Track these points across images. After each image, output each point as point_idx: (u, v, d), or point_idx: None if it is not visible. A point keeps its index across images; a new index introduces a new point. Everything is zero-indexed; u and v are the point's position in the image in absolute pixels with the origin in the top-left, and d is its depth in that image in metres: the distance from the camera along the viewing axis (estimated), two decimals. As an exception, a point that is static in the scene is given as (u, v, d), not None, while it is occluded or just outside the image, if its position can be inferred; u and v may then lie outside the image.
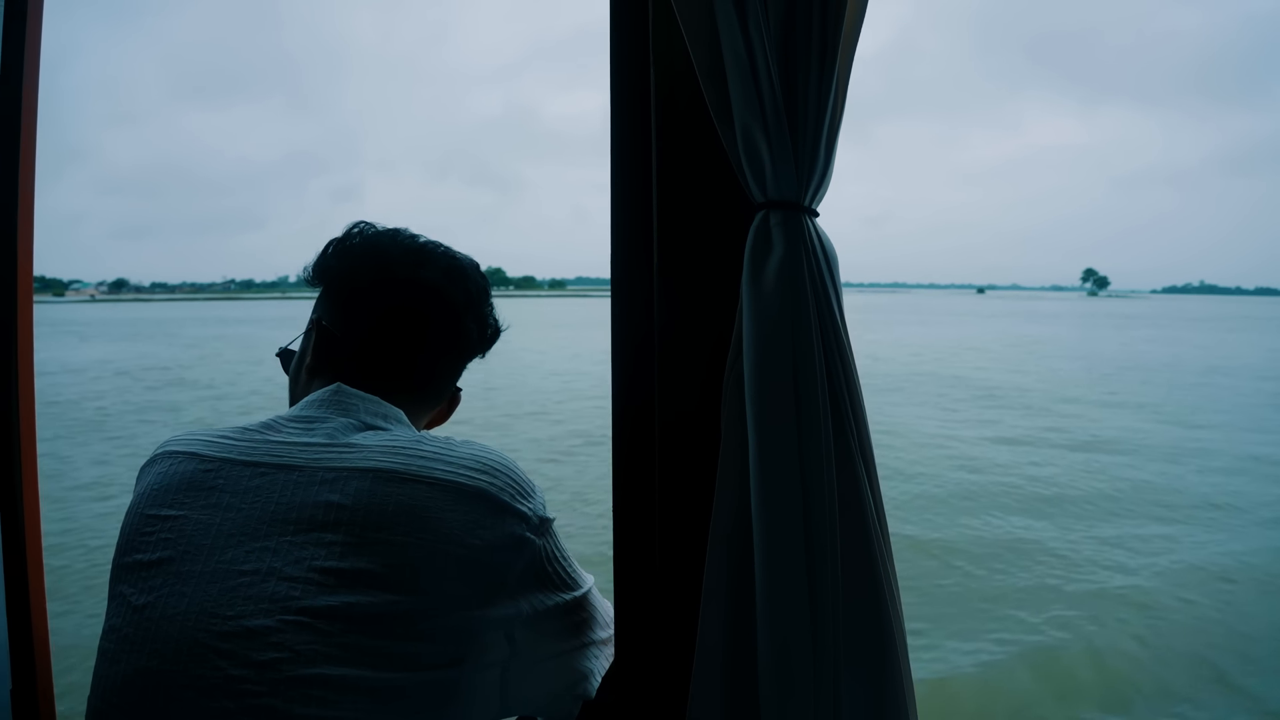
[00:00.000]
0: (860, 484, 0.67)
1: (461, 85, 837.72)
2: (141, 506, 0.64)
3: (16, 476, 0.89)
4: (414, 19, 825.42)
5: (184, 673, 0.55)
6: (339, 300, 0.77)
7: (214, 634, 0.56)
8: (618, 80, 0.77)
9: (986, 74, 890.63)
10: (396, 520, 0.60)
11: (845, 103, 0.71)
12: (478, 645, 0.62)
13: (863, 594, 0.68)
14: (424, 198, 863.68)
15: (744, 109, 0.67)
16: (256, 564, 0.58)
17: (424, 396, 0.79)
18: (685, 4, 0.68)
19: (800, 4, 0.67)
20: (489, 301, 0.82)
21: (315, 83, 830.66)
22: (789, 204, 0.68)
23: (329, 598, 0.57)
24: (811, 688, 0.67)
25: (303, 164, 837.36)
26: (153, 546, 0.61)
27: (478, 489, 0.63)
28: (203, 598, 0.57)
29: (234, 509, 0.61)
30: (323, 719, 0.54)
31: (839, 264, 0.70)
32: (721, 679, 0.71)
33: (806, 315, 0.66)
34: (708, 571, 0.71)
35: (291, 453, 0.64)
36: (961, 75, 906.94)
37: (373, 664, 0.56)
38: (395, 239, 0.79)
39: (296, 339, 0.83)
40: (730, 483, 0.70)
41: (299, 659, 0.55)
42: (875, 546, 0.67)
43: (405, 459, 0.62)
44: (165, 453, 0.68)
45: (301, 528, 0.59)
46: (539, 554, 0.67)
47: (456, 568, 0.60)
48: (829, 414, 0.66)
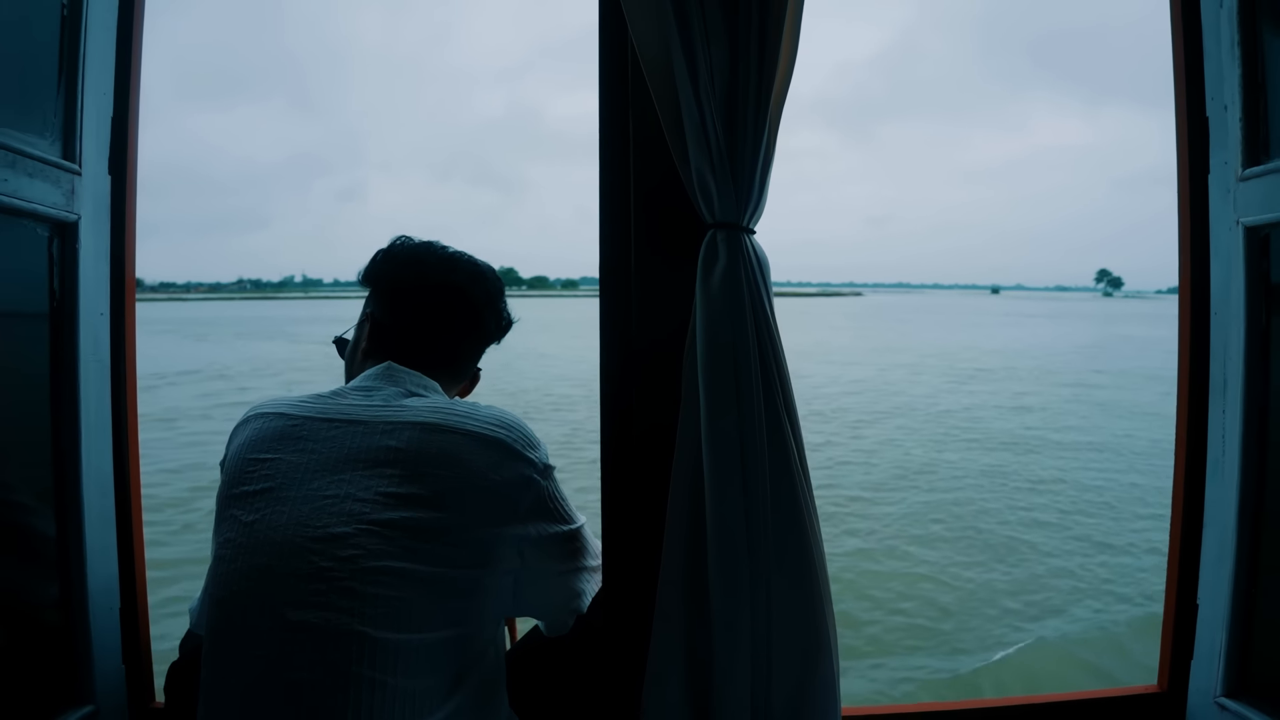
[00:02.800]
0: (785, 435, 0.89)
1: (465, 86, 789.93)
2: (244, 453, 0.86)
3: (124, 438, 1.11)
4: (419, 20, 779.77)
5: (287, 565, 0.76)
6: (387, 298, 0.99)
7: (308, 538, 0.77)
8: (605, 131, 0.99)
9: (989, 74, 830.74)
10: (438, 460, 0.81)
11: (776, 143, 0.93)
12: (496, 555, 0.83)
13: (788, 520, 0.89)
14: (427, 198, 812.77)
15: (697, 154, 0.89)
16: (336, 490, 0.80)
17: (454, 373, 1.00)
18: (653, 75, 0.90)
19: (740, 73, 0.89)
20: (504, 299, 1.04)
21: (319, 83, 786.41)
22: (731, 225, 0.90)
23: (390, 513, 0.78)
24: (748, 591, 0.89)
25: (306, 164, 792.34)
26: (256, 480, 0.83)
27: (497, 439, 0.84)
28: (298, 514, 0.79)
29: (317, 452, 0.83)
30: (387, 597, 0.76)
31: (770, 270, 0.92)
32: (682, 598, 0.93)
33: (743, 308, 0.88)
34: (670, 514, 0.92)
35: (357, 411, 0.85)
36: (964, 76, 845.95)
37: (421, 560, 0.78)
38: (430, 249, 1.01)
39: (348, 330, 1.05)
40: (687, 440, 0.92)
41: (370, 555, 0.76)
42: (798, 481, 0.89)
43: (443, 416, 0.84)
44: (257, 414, 0.90)
45: (368, 464, 0.81)
46: (542, 493, 0.88)
47: (481, 496, 0.82)
48: (760, 383, 0.88)
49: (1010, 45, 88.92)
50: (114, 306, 1.10)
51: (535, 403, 11.21)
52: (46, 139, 0.99)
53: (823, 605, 0.92)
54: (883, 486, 6.60)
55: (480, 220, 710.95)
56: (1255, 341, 1.01)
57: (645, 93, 0.92)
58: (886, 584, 4.34)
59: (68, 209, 1.00)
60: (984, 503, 6.07)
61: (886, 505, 6.02)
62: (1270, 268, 1.01)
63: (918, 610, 4.02)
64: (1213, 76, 1.06)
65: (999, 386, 13.28)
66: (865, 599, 4.10)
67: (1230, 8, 1.02)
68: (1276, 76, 1.00)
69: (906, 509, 5.91)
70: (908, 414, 10.40)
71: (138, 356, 1.15)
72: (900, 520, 5.61)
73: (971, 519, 5.63)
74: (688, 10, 0.87)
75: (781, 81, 0.92)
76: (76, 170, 1.02)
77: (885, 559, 4.77)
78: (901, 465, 7.36)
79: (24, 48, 0.97)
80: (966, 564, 4.71)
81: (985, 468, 7.25)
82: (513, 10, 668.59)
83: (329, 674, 0.73)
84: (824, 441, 8.23)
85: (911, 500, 6.17)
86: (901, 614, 3.96)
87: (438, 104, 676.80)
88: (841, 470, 7.11)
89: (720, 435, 0.87)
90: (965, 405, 11.12)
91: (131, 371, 1.14)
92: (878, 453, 7.94)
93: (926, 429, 9.31)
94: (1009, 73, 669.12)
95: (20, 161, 0.92)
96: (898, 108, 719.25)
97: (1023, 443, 8.45)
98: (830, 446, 8.09)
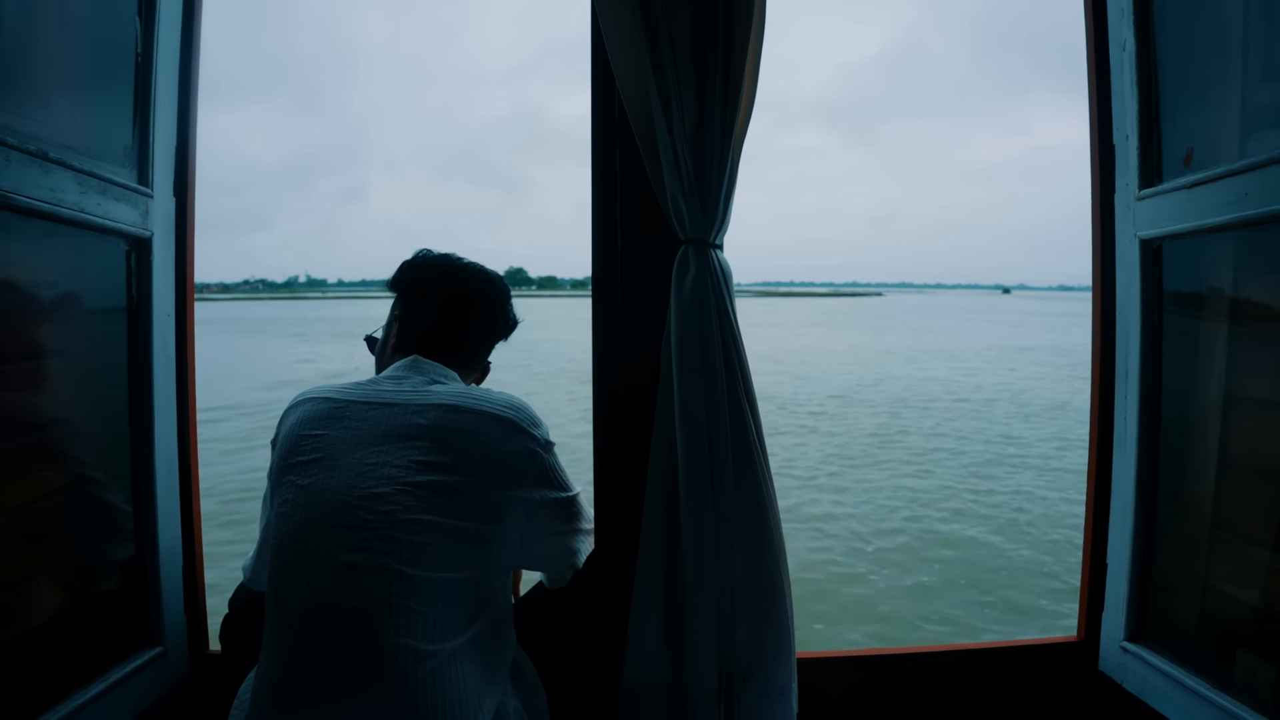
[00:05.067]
0: (743, 409, 1.07)
1: (468, 87, 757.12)
2: (297, 430, 1.04)
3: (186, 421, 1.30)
4: (422, 21, 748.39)
5: (337, 519, 0.95)
6: (412, 302, 1.17)
7: (353, 497, 0.95)
8: (597, 160, 1.17)
9: (991, 74, 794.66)
10: (459, 434, 0.99)
11: (739, 170, 1.11)
12: (506, 514, 1.01)
13: (747, 483, 1.08)
14: (430, 198, 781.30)
15: (671, 182, 1.07)
16: (376, 459, 0.98)
17: (469, 365, 1.19)
18: (635, 117, 1.08)
19: (706, 115, 1.07)
20: (510, 303, 1.22)
21: (322, 84, 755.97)
22: (700, 241, 1.08)
23: (420, 477, 0.97)
24: (713, 545, 1.07)
25: (309, 165, 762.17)
26: (308, 452, 1.01)
27: (507, 418, 1.03)
28: (345, 479, 0.97)
29: (359, 429, 1.01)
30: (418, 543, 0.94)
31: (733, 278, 1.10)
32: (660, 552, 1.11)
33: (709, 309, 1.07)
34: (649, 481, 1.11)
35: (391, 395, 1.04)
36: (966, 76, 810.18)
37: (446, 515, 0.96)
38: (448, 260, 1.19)
39: (377, 330, 1.23)
40: (664, 429, 1.10)
41: (405, 510, 0.94)
42: (754, 448, 1.07)
43: (463, 399, 1.02)
44: (306, 399, 1.08)
45: (402, 438, 0.99)
46: (544, 464, 1.06)
47: (494, 464, 1.00)
48: (723, 368, 1.06)
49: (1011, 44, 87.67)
50: (178, 309, 1.29)
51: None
52: (126, 167, 1.18)
53: (778, 557, 1.11)
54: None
55: (482, 220, 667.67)
56: (1149, 337, 1.19)
57: (629, 130, 1.11)
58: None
59: (143, 226, 1.19)
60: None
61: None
62: (1161, 274, 1.19)
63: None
64: (1118, 110, 1.23)
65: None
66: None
67: (1130, 52, 1.20)
68: (1168, 112, 1.18)
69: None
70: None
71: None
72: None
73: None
74: (663, 63, 1.05)
75: (743, 120, 1.10)
76: (149, 194, 1.20)
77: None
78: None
79: (110, 94, 1.16)
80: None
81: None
82: (516, 11, 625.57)
83: (373, 603, 0.92)
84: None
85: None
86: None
87: (440, 104, 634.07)
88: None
89: (690, 411, 1.06)
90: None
91: (191, 364, 1.32)
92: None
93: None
94: (1010, 72, 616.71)
95: (109, 188, 1.11)
96: (899, 108, 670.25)
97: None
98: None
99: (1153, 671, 1.18)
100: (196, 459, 1.34)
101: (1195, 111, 1.14)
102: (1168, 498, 1.20)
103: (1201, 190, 1.07)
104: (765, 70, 1.12)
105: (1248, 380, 1.08)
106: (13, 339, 1.00)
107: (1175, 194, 1.12)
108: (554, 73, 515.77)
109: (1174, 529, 1.20)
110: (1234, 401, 1.10)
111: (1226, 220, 1.03)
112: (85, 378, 1.16)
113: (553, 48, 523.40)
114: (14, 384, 1.01)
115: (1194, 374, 1.16)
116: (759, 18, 1.08)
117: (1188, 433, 1.17)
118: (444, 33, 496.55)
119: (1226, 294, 1.11)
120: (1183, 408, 1.18)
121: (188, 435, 1.31)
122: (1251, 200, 0.99)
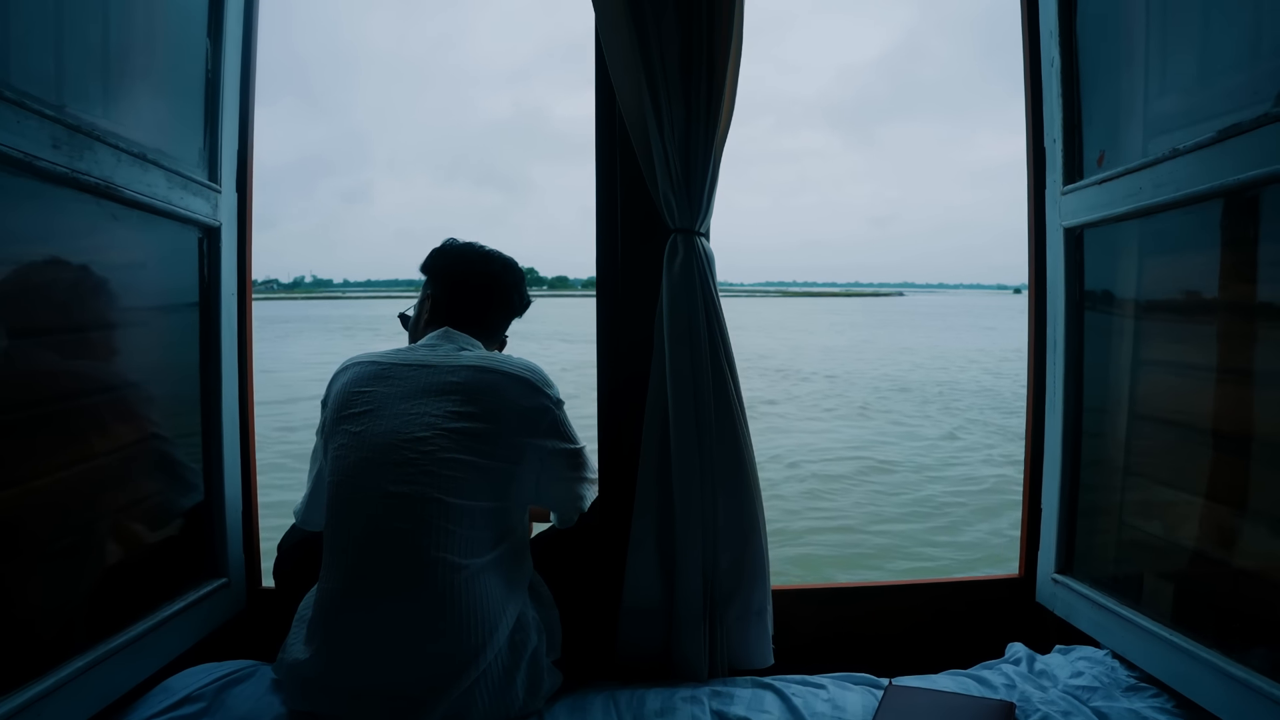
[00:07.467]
0: (724, 376, 1.27)
1: (471, 88, 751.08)
2: (348, 388, 1.24)
3: (246, 388, 1.51)
4: (425, 24, 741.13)
5: (385, 458, 1.15)
6: (442, 284, 1.38)
7: (399, 440, 1.16)
8: (600, 161, 1.38)
9: (992, 74, 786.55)
10: (486, 390, 1.20)
11: (720, 166, 1.31)
12: (525, 457, 1.22)
13: (727, 437, 1.28)
14: (432, 199, 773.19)
15: (662, 179, 1.27)
16: (418, 410, 1.18)
17: (490, 336, 1.39)
18: (632, 124, 1.29)
19: (693, 124, 1.27)
20: (525, 284, 1.43)
21: (326, 85, 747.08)
22: (687, 230, 1.29)
23: (454, 424, 1.17)
24: (698, 489, 1.28)
25: (312, 166, 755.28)
26: (360, 405, 1.21)
27: (525, 378, 1.23)
28: (392, 426, 1.17)
29: (401, 386, 1.21)
30: (453, 477, 1.14)
31: (716, 265, 1.31)
32: (654, 493, 1.32)
33: (695, 289, 1.27)
34: (644, 433, 1.31)
35: (428, 359, 1.24)
36: (967, 76, 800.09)
37: (475, 454, 1.16)
38: (472, 248, 1.40)
39: (409, 308, 1.43)
40: (657, 391, 1.31)
41: (441, 449, 1.15)
42: (734, 408, 1.28)
43: (489, 361, 1.23)
44: (354, 363, 1.29)
45: (438, 393, 1.19)
46: (555, 419, 1.26)
47: (514, 415, 1.20)
48: (708, 345, 1.26)
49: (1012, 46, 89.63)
50: (239, 289, 1.49)
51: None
52: (200, 166, 1.38)
53: (754, 497, 1.31)
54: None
55: (484, 220, 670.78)
56: (1072, 311, 1.40)
57: (627, 137, 1.31)
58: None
59: (213, 218, 1.40)
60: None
61: None
62: (1082, 258, 1.39)
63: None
64: (1048, 118, 1.44)
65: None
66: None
67: (1057, 68, 1.40)
68: (1087, 120, 1.38)
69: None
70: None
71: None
72: None
73: None
74: (655, 80, 1.25)
75: (724, 127, 1.30)
76: (218, 189, 1.41)
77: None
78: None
79: (186, 104, 1.37)
80: None
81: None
82: (518, 14, 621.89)
83: (417, 524, 1.12)
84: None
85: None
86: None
87: (443, 106, 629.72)
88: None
89: (679, 372, 1.26)
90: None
91: (249, 340, 1.53)
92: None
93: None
94: (1012, 73, 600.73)
95: (189, 184, 1.31)
96: (900, 108, 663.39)
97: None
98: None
99: (1077, 597, 1.38)
100: (253, 421, 1.55)
101: (1108, 119, 1.35)
102: (1090, 449, 1.40)
103: (1110, 185, 1.27)
104: (766, 71, 1.35)
105: (1150, 344, 1.28)
106: (115, 312, 1.21)
107: (1091, 189, 1.32)
108: (555, 75, 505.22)
109: (1094, 477, 1.40)
110: (1140, 363, 1.30)
111: (1128, 210, 1.23)
112: (163, 348, 1.37)
113: (553, 50, 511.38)
114: (118, 348, 1.21)
115: (1109, 341, 1.36)
116: (738, 40, 1.28)
117: (1105, 392, 1.37)
118: (446, 35, 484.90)
119: (1133, 272, 1.31)
120: (1100, 371, 1.38)
121: (247, 399, 1.51)
122: (1145, 193, 1.19)
